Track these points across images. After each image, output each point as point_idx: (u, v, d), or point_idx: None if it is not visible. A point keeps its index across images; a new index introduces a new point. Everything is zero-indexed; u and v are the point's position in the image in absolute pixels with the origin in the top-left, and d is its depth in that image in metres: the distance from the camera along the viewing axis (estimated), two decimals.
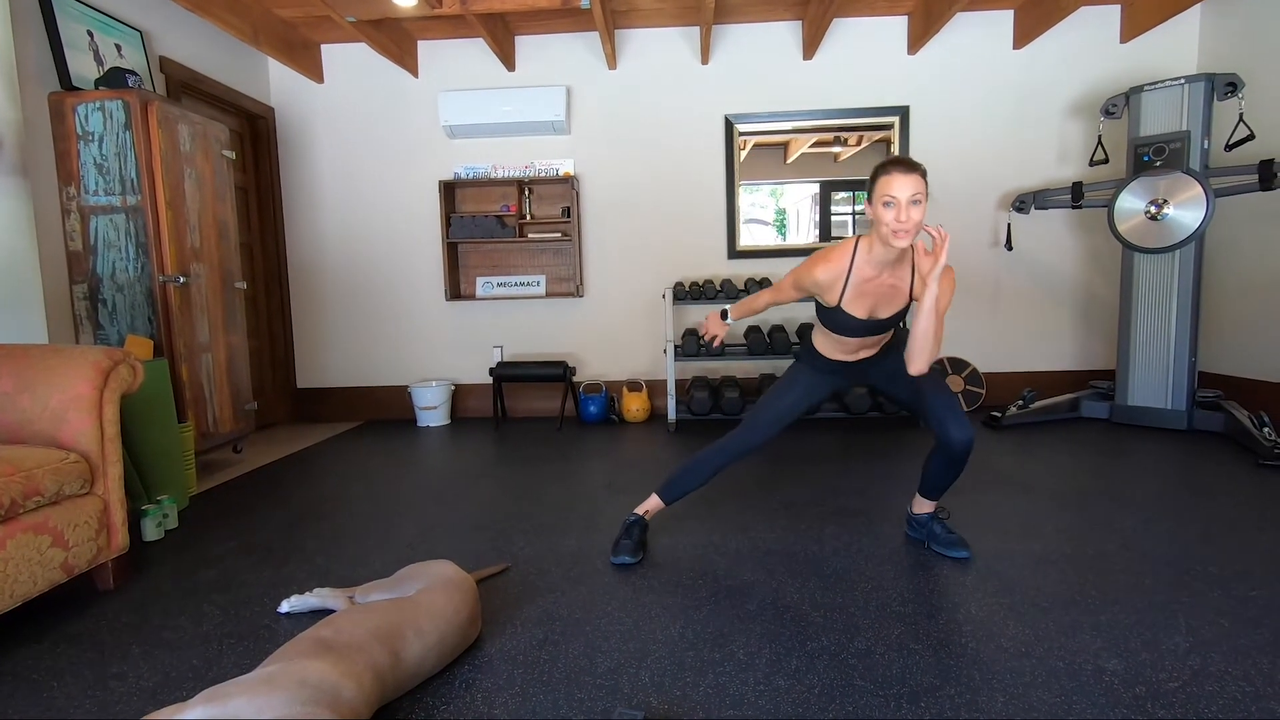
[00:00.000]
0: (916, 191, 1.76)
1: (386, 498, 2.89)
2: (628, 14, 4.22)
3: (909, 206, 1.76)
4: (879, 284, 1.94)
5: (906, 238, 1.78)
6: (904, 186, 1.76)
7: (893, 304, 1.97)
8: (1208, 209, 3.38)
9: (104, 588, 2.02)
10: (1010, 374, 4.54)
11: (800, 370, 2.20)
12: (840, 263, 1.93)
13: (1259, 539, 2.14)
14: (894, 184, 1.77)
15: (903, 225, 1.77)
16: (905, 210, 1.76)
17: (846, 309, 1.97)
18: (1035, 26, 4.08)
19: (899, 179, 1.77)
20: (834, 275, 1.93)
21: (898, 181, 1.77)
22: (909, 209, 1.76)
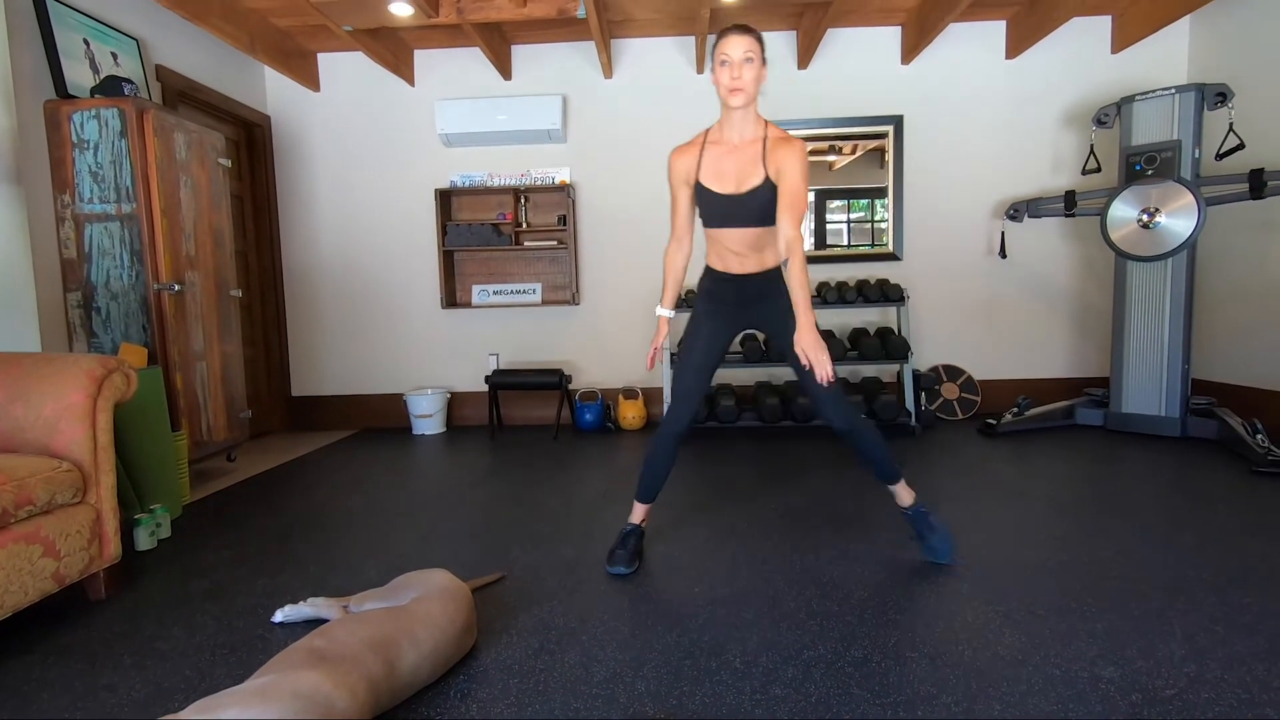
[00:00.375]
0: (749, 49, 1.86)
1: (381, 506, 2.88)
2: (623, 24, 4.25)
3: (742, 64, 1.87)
4: (736, 156, 1.98)
5: (741, 95, 1.88)
6: (736, 46, 1.87)
7: (750, 177, 1.96)
8: (1199, 217, 3.40)
9: (96, 598, 2.00)
10: (1005, 381, 4.55)
11: (696, 314, 2.15)
12: (693, 143, 2.06)
13: (1253, 546, 2.15)
14: (728, 44, 1.88)
15: (736, 81, 1.87)
16: (738, 68, 1.87)
17: (706, 184, 2.01)
18: (1027, 37, 4.12)
19: (733, 39, 1.87)
20: (690, 153, 2.04)
21: (731, 41, 1.87)
22: (742, 66, 1.87)
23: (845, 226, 4.53)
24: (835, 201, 4.51)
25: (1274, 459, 2.92)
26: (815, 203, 4.52)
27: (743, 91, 1.87)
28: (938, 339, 4.56)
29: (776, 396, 4.05)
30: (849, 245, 4.53)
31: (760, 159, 1.95)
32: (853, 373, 4.59)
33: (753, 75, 1.87)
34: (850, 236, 4.53)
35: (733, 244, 2.06)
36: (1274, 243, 3.67)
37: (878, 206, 4.50)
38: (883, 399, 3.92)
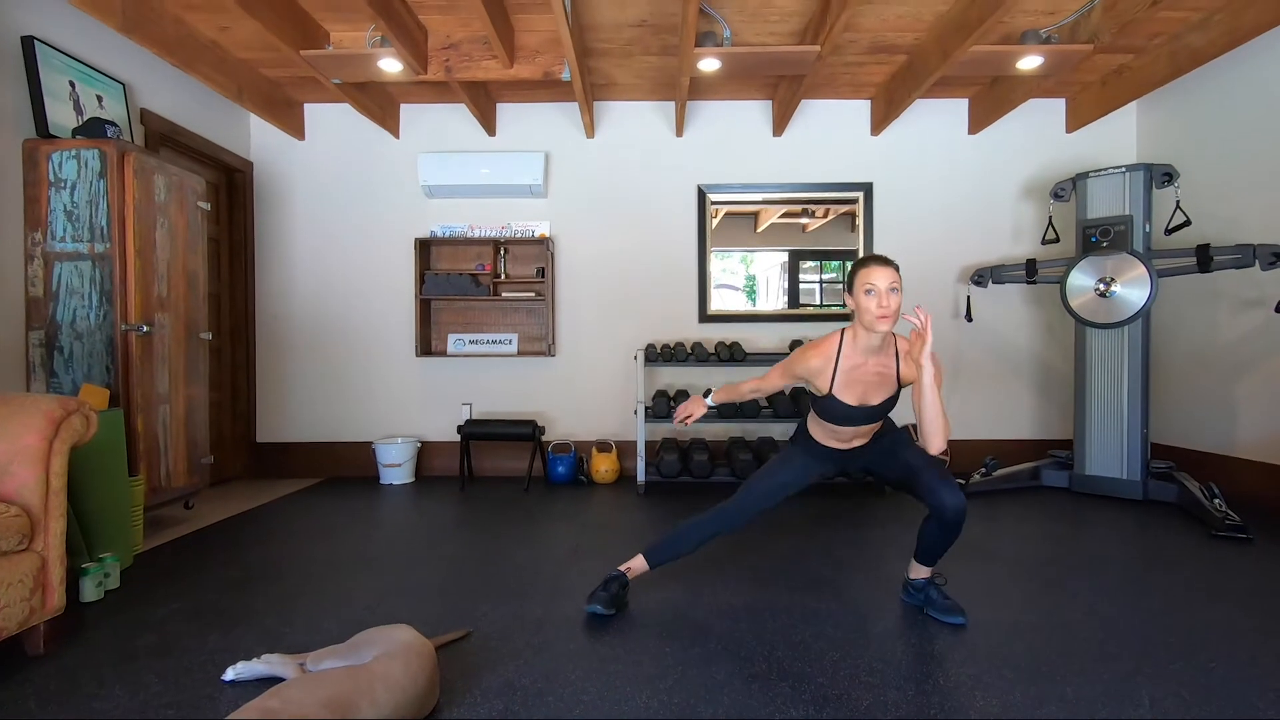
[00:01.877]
0: (893, 281, 1.97)
1: (344, 558, 2.79)
2: (606, 87, 4.41)
3: (888, 294, 1.96)
4: (865, 370, 2.07)
5: (888, 322, 1.96)
6: (882, 277, 1.97)
7: (881, 391, 2.09)
8: (1152, 288, 3.57)
9: (34, 653, 1.89)
10: (973, 441, 4.63)
11: (796, 452, 2.26)
12: (829, 351, 2.09)
13: (1214, 610, 2.18)
14: (873, 274, 1.98)
15: (884, 310, 1.95)
16: (885, 297, 1.96)
17: (838, 396, 2.08)
18: (988, 115, 4.36)
19: (877, 270, 1.98)
20: (823, 362, 2.08)
21: (876, 272, 1.98)
22: (888, 296, 1.96)
23: (817, 286, 4.65)
24: (808, 262, 4.64)
25: (1231, 523, 2.98)
26: (788, 263, 4.64)
27: (889, 320, 1.97)
28: (906, 398, 4.64)
29: (750, 452, 4.06)
30: (820, 305, 4.64)
31: (895, 372, 2.09)
32: None
33: (898, 304, 1.97)
34: (822, 296, 4.64)
35: (850, 435, 2.17)
36: (1222, 314, 3.85)
37: (849, 268, 4.63)
38: None
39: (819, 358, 2.09)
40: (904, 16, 3.50)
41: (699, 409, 2.35)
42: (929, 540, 2.11)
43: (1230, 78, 3.79)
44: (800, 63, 3.53)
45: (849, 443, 2.21)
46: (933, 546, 2.12)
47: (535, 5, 3.41)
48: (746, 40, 3.72)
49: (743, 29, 3.61)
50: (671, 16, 3.51)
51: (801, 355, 2.12)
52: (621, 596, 2.21)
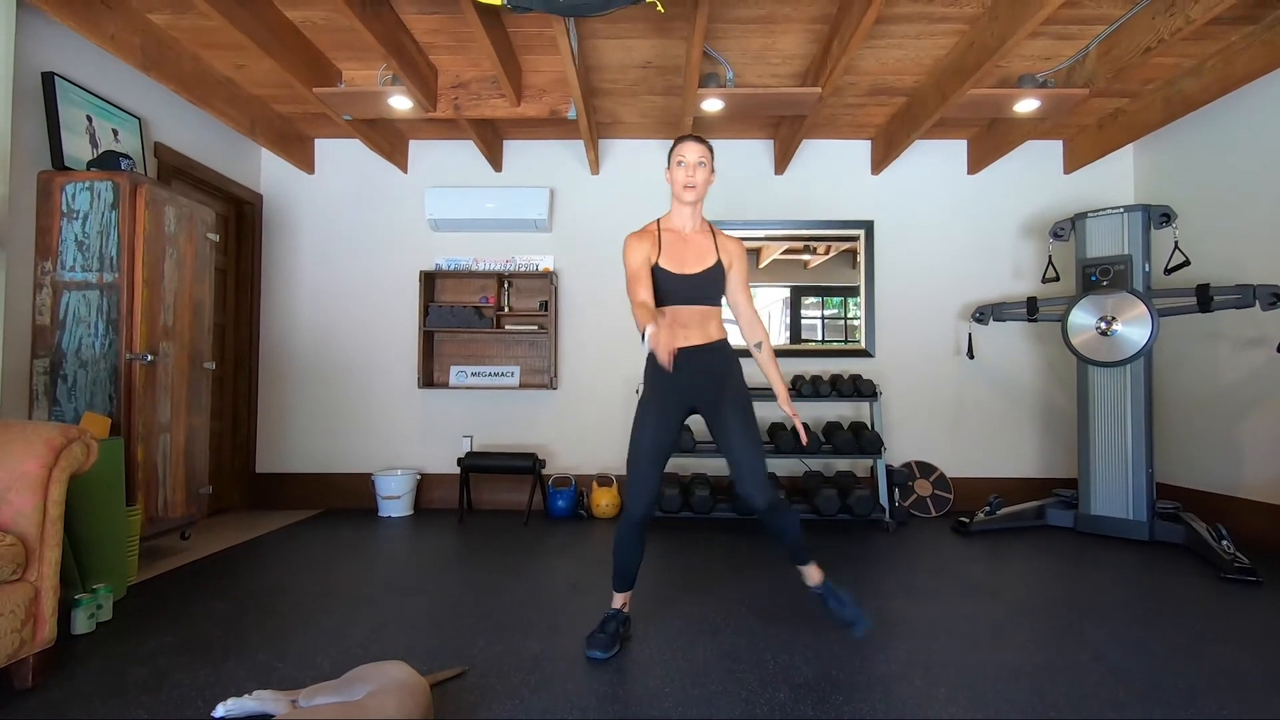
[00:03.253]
0: (702, 156, 2.17)
1: (340, 591, 2.75)
2: (611, 125, 4.50)
3: (695, 167, 2.16)
4: (685, 243, 2.23)
5: (693, 193, 2.17)
6: (692, 151, 2.16)
7: (700, 259, 2.21)
8: (1153, 327, 3.58)
9: (21, 686, 1.86)
10: (976, 480, 4.59)
11: (644, 403, 2.22)
12: (649, 228, 2.27)
13: (1224, 655, 2.13)
14: (685, 149, 2.17)
15: (690, 180, 2.16)
16: (693, 170, 2.16)
17: (664, 266, 2.18)
18: (986, 155, 4.43)
19: (689, 145, 2.17)
20: (647, 239, 2.21)
21: (687, 148, 2.17)
22: (695, 169, 2.16)
23: (819, 322, 4.67)
24: (809, 298, 4.67)
25: (1240, 566, 2.94)
26: (790, 299, 4.67)
27: (695, 189, 2.17)
28: (909, 435, 4.62)
29: None
30: (823, 340, 4.65)
31: (713, 247, 2.25)
32: (826, 466, 4.60)
33: (704, 178, 2.17)
34: (824, 332, 4.66)
35: (683, 319, 2.21)
36: (1223, 354, 3.85)
37: (850, 304, 4.67)
38: (857, 494, 3.93)
39: (640, 239, 2.20)
40: (903, 60, 3.58)
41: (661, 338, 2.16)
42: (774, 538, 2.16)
43: (1224, 122, 3.85)
44: (801, 104, 3.61)
45: (688, 339, 2.18)
46: (783, 542, 2.20)
47: (543, 46, 3.50)
48: (749, 81, 3.80)
49: (745, 70, 3.69)
50: (675, 58, 3.60)
51: (629, 245, 2.19)
52: (622, 633, 2.19)
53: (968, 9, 3.11)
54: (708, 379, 2.22)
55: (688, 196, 2.17)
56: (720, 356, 2.24)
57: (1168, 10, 2.90)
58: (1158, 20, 2.96)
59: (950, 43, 3.40)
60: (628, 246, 2.20)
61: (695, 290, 2.19)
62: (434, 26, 3.32)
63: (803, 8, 3.11)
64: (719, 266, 2.22)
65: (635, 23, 3.27)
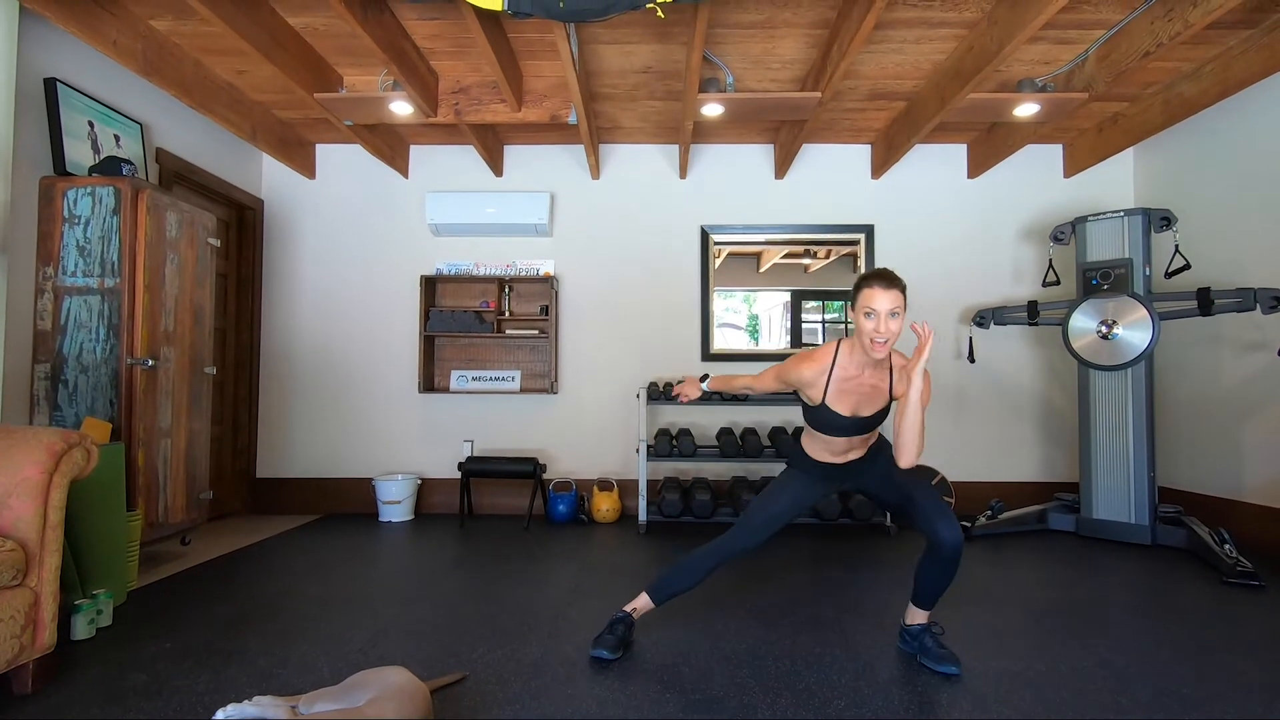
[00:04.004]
0: (895, 305, 1.90)
1: (340, 597, 2.75)
2: (612, 130, 4.50)
3: (888, 319, 1.90)
4: (859, 383, 2.04)
5: (884, 348, 1.92)
6: (884, 300, 1.90)
7: (874, 403, 2.06)
8: (1154, 330, 3.57)
9: (20, 691, 1.85)
10: (977, 483, 4.58)
11: (792, 475, 2.24)
12: (823, 361, 2.07)
13: (1229, 660, 2.13)
14: (875, 298, 1.91)
15: (881, 335, 1.91)
16: (884, 322, 1.90)
17: (830, 406, 2.06)
18: (986, 160, 4.44)
19: (880, 294, 1.91)
20: (817, 372, 2.06)
21: (879, 296, 1.91)
22: (888, 321, 1.90)
23: (820, 326, 4.67)
24: (810, 302, 4.67)
25: (1243, 570, 2.93)
26: (791, 303, 4.67)
27: (886, 346, 1.93)
28: None
29: (752, 492, 4.02)
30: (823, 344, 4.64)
31: (888, 385, 2.06)
32: None
33: (897, 328, 1.92)
34: (824, 336, 4.66)
35: (843, 446, 2.15)
36: (1224, 357, 3.85)
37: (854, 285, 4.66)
38: (858, 498, 3.92)
39: (813, 369, 2.06)
40: (902, 65, 3.59)
41: (694, 390, 2.41)
42: (925, 579, 2.08)
43: (1224, 126, 3.86)
44: (801, 108, 3.62)
45: (843, 456, 2.17)
46: (929, 586, 2.08)
47: (543, 52, 3.51)
48: (749, 86, 3.81)
49: (745, 75, 3.70)
50: (676, 63, 3.61)
51: (796, 363, 2.09)
52: (627, 638, 2.18)
53: (967, 13, 3.12)
54: (866, 472, 2.22)
55: (877, 354, 1.93)
56: (876, 452, 2.23)
57: (1166, 15, 2.91)
58: (1156, 25, 2.96)
59: (949, 47, 3.41)
60: (794, 367, 2.09)
61: (864, 428, 2.09)
62: (435, 32, 3.33)
63: (802, 13, 3.12)
64: (890, 405, 2.08)
65: (635, 28, 3.28)
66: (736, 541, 2.15)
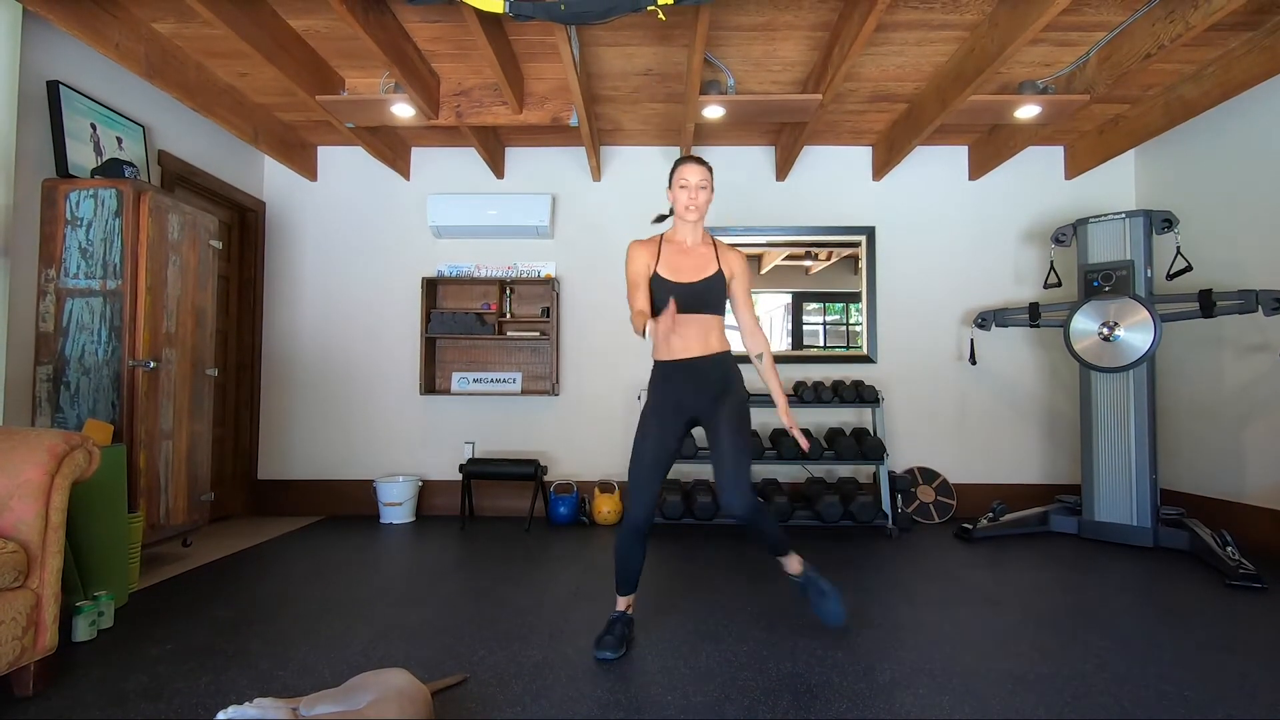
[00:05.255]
0: (703, 179, 2.24)
1: (341, 599, 2.75)
2: (613, 132, 4.51)
3: (697, 189, 2.24)
4: (686, 257, 2.28)
5: (695, 213, 2.25)
6: (693, 174, 2.23)
7: (700, 269, 2.27)
8: (1155, 332, 3.57)
9: (22, 693, 1.85)
10: (979, 485, 4.58)
11: (646, 412, 2.29)
12: (650, 243, 2.32)
13: (1231, 663, 2.12)
14: (687, 172, 2.24)
15: (692, 201, 2.23)
16: (695, 192, 2.23)
17: (663, 275, 2.25)
18: (988, 161, 4.44)
19: (691, 168, 2.24)
20: (649, 248, 2.30)
21: (689, 170, 2.24)
22: (697, 191, 2.24)
23: (821, 328, 4.67)
24: (811, 304, 4.67)
25: (1245, 573, 2.93)
26: (792, 305, 4.67)
27: (697, 210, 2.25)
28: (912, 441, 4.61)
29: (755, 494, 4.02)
30: (824, 347, 4.65)
31: (714, 258, 2.31)
32: (828, 472, 4.59)
33: (705, 199, 2.25)
34: (826, 338, 4.66)
35: (684, 329, 2.25)
36: (1226, 359, 3.84)
37: (852, 310, 4.67)
38: (860, 500, 3.92)
39: (644, 245, 2.29)
40: (903, 67, 3.59)
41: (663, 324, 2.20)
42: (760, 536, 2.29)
43: (1225, 128, 3.86)
44: (802, 111, 3.62)
45: (687, 350, 2.24)
46: (763, 539, 2.29)
47: (545, 54, 3.51)
48: (750, 88, 3.81)
49: (746, 77, 3.70)
50: (677, 65, 3.61)
51: (631, 252, 2.28)
52: (627, 635, 2.22)
53: (968, 15, 3.12)
54: (708, 389, 2.26)
55: (690, 216, 2.25)
56: (720, 367, 2.27)
57: (1168, 17, 2.91)
58: (1158, 27, 2.96)
59: (951, 49, 3.41)
60: (630, 254, 2.30)
61: (694, 299, 2.22)
62: (436, 34, 3.34)
63: (804, 15, 3.13)
64: (719, 276, 2.28)
65: (636, 30, 3.28)
66: (635, 507, 2.19)
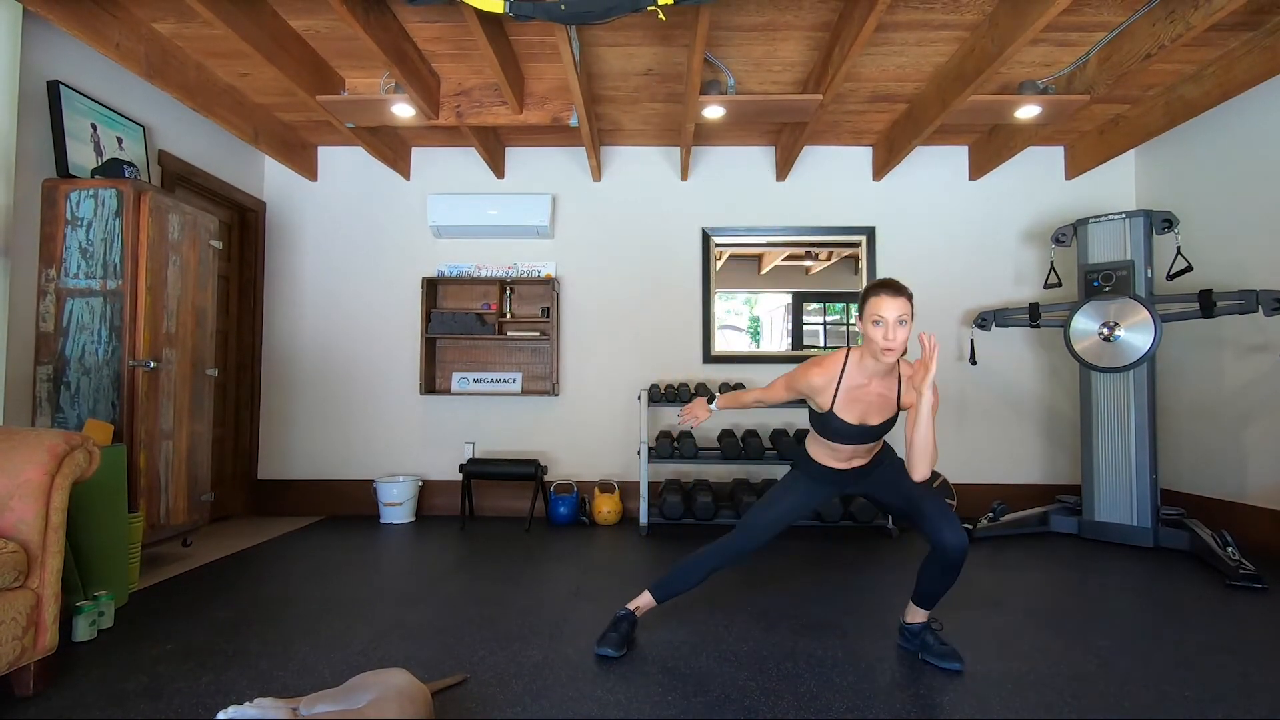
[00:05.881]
0: (903, 313, 1.93)
1: (341, 599, 2.75)
2: (613, 132, 4.51)
3: (895, 326, 1.92)
4: (868, 392, 2.06)
5: (893, 355, 1.94)
6: (892, 308, 1.92)
7: (881, 412, 2.07)
8: (1156, 332, 3.57)
9: (22, 693, 1.85)
10: (979, 485, 4.57)
11: (796, 478, 2.25)
12: (833, 369, 2.07)
13: (1232, 663, 2.12)
14: (883, 305, 1.93)
15: (889, 343, 1.93)
16: (892, 329, 1.92)
17: (838, 414, 2.07)
18: (988, 162, 4.43)
19: (887, 301, 1.93)
20: (827, 380, 2.07)
21: (886, 303, 1.93)
22: (895, 328, 1.92)
23: (821, 328, 4.67)
24: (812, 304, 4.67)
25: (1246, 573, 2.93)
26: (792, 305, 4.67)
27: (895, 352, 1.94)
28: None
29: (754, 494, 4.02)
30: (825, 347, 4.65)
31: (896, 395, 2.07)
32: None
33: (904, 336, 1.94)
34: (826, 338, 4.66)
35: (848, 453, 2.16)
36: (1226, 360, 3.84)
37: (852, 310, 4.67)
38: (860, 500, 3.91)
39: (822, 376, 2.07)
40: (904, 67, 3.59)
41: (703, 413, 2.36)
42: (928, 582, 2.09)
43: (1225, 128, 3.86)
44: (802, 111, 3.62)
45: (848, 462, 2.19)
46: (931, 588, 2.09)
47: (545, 54, 3.51)
48: (750, 89, 3.81)
49: (746, 78, 3.70)
50: (677, 65, 3.61)
51: (805, 370, 2.10)
52: (630, 635, 2.21)
53: (968, 16, 3.12)
54: (872, 477, 2.23)
55: (887, 359, 1.95)
56: (882, 459, 2.23)
57: (1168, 17, 2.91)
58: (1158, 27, 2.96)
59: (951, 49, 3.41)
60: (806, 370, 2.09)
61: (870, 437, 2.10)
62: (436, 35, 3.34)
63: (804, 15, 3.12)
64: (899, 415, 2.11)
65: (637, 30, 3.28)
66: (738, 543, 2.17)
